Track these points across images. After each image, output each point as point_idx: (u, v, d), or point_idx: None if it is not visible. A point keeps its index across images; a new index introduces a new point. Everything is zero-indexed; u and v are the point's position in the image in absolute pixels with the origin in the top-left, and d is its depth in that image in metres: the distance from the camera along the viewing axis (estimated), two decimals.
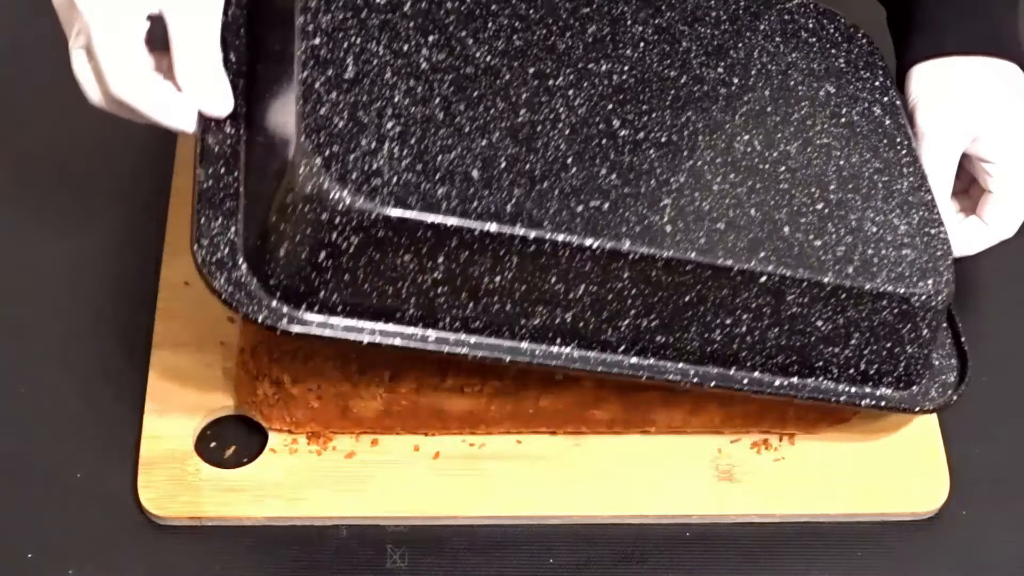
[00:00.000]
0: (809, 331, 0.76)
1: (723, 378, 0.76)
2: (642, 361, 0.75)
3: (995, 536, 0.81)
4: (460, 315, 0.72)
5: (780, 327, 0.76)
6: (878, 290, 0.76)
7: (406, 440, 0.81)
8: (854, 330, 0.77)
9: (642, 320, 0.74)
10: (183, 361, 0.83)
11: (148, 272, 0.87)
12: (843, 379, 0.78)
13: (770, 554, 0.79)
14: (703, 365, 0.76)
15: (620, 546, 0.79)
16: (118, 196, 0.91)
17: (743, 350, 0.76)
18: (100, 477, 0.80)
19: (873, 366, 0.78)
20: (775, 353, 0.77)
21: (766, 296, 0.74)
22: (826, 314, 0.76)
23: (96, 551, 0.78)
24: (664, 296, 0.74)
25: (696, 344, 0.75)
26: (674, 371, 0.76)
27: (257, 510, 0.78)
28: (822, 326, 0.76)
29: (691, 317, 0.75)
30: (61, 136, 0.94)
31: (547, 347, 0.74)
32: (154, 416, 0.81)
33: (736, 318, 0.75)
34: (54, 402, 0.82)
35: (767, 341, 0.76)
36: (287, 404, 0.79)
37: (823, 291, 0.75)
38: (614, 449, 0.81)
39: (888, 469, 0.81)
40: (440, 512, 0.79)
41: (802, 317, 0.76)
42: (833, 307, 0.76)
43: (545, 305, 0.73)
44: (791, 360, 0.77)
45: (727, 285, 0.74)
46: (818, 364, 0.77)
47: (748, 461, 0.81)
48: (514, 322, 0.73)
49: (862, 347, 0.77)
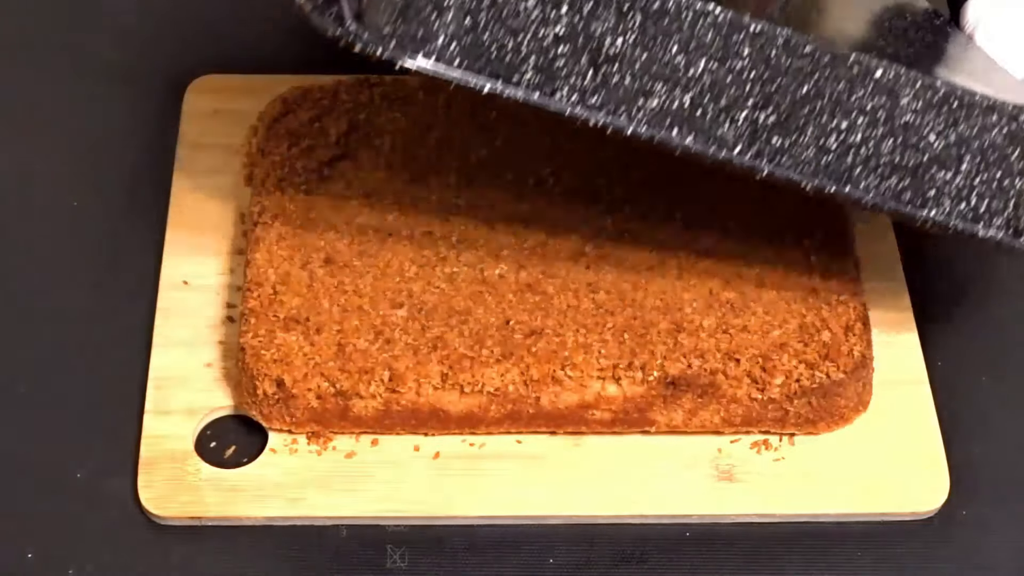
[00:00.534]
0: (922, 147, 0.75)
1: (840, 192, 0.76)
2: (759, 163, 0.75)
3: (995, 536, 0.81)
4: (579, 85, 0.71)
5: (894, 139, 0.75)
6: (988, 102, 0.75)
7: (406, 440, 0.81)
8: (965, 151, 0.76)
9: (760, 114, 0.73)
10: (183, 361, 0.83)
11: (148, 272, 0.87)
12: (954, 214, 0.77)
13: (770, 554, 0.79)
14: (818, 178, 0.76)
15: (620, 546, 0.79)
16: (118, 196, 0.91)
17: (858, 165, 0.75)
18: (100, 477, 0.80)
19: (984, 201, 0.77)
20: (889, 173, 0.76)
21: (881, 96, 0.74)
22: (938, 126, 0.75)
23: (96, 551, 0.78)
24: (782, 84, 0.73)
25: (812, 152, 0.75)
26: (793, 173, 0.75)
27: (257, 510, 0.78)
28: (935, 142, 0.75)
29: (808, 115, 0.74)
30: (61, 136, 0.94)
31: (666, 132, 0.73)
32: (154, 416, 0.81)
33: (852, 122, 0.74)
34: (54, 402, 0.82)
35: (881, 156, 0.75)
36: (287, 404, 0.79)
37: (935, 96, 0.74)
38: (614, 449, 0.81)
39: (888, 469, 0.81)
40: (440, 512, 0.79)
41: (915, 129, 0.75)
42: (945, 118, 0.75)
43: (665, 83, 0.72)
44: (904, 185, 0.76)
45: (844, 77, 0.73)
46: (930, 192, 0.77)
47: (748, 461, 0.81)
48: (632, 102, 0.72)
49: (973, 175, 0.76)
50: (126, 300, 0.86)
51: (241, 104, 0.94)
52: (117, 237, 0.89)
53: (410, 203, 0.86)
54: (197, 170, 0.91)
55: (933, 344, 0.86)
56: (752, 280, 0.83)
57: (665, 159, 0.86)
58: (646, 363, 0.79)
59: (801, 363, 0.80)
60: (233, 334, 0.84)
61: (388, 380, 0.78)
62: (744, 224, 0.86)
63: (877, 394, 0.83)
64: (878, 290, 0.87)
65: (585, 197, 0.86)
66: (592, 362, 0.79)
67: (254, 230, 0.84)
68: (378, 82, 0.92)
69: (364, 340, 0.80)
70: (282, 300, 0.81)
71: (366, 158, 0.88)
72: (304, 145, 0.88)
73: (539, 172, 0.87)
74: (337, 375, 0.78)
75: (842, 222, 0.86)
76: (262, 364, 0.79)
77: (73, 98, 0.96)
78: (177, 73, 0.96)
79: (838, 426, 0.82)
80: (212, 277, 0.86)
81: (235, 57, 0.98)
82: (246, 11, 1.03)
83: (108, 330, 0.85)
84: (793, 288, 0.83)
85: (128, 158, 0.93)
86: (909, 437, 0.82)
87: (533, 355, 0.79)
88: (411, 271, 0.83)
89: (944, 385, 0.85)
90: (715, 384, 0.79)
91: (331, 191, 0.86)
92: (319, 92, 0.91)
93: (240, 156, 0.92)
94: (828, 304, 0.82)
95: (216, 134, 0.93)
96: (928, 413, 0.83)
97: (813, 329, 0.81)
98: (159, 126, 0.94)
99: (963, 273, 0.91)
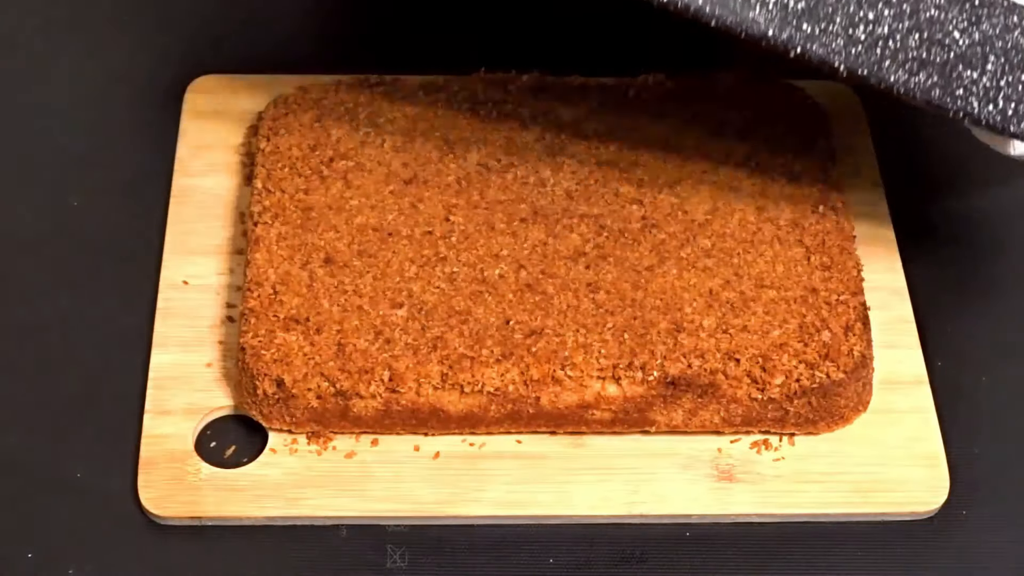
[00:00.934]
0: (948, 43, 0.76)
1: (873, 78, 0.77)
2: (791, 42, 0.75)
3: (995, 536, 0.81)
4: None
5: (920, 33, 0.75)
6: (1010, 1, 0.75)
7: (406, 440, 0.81)
8: (989, 51, 0.76)
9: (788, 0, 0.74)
10: (183, 361, 0.83)
11: (148, 272, 0.87)
12: (983, 115, 0.77)
13: (770, 554, 0.79)
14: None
15: (620, 546, 0.79)
16: (118, 196, 0.91)
17: (887, 58, 0.76)
18: (100, 477, 0.80)
19: (1011, 104, 0.77)
20: (917, 69, 0.76)
21: None
22: (962, 23, 0.75)
23: (96, 551, 0.78)
24: None
25: (841, 42, 0.75)
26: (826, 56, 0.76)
27: (257, 510, 0.78)
28: (959, 39, 0.76)
29: (835, 3, 0.74)
30: (61, 135, 0.94)
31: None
32: (154, 416, 0.81)
33: (878, 13, 0.74)
34: (54, 402, 0.82)
35: (909, 50, 0.75)
36: (287, 404, 0.79)
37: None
38: (614, 449, 0.81)
39: (888, 469, 0.81)
40: (440, 512, 0.79)
41: (940, 24, 0.75)
42: (968, 15, 0.75)
43: None
44: (933, 82, 0.76)
45: None
46: (958, 91, 0.77)
47: (748, 461, 0.81)
48: None
49: (998, 76, 0.76)
50: (126, 300, 0.86)
51: (241, 104, 0.94)
52: (117, 237, 0.89)
53: (410, 203, 0.86)
54: (197, 170, 0.91)
55: (933, 344, 0.86)
56: (752, 280, 0.83)
57: (666, 158, 0.86)
58: (646, 363, 0.79)
59: (801, 363, 0.80)
60: (233, 334, 0.84)
61: (388, 380, 0.78)
62: (744, 224, 0.86)
63: (877, 394, 0.83)
64: (878, 290, 0.87)
65: (585, 197, 0.86)
66: (592, 362, 0.79)
67: (254, 230, 0.84)
68: (378, 82, 0.92)
69: (364, 340, 0.80)
70: (282, 300, 0.81)
71: (366, 158, 0.88)
72: (304, 145, 0.88)
73: (539, 172, 0.87)
74: (337, 375, 0.78)
75: (842, 222, 0.86)
76: (262, 364, 0.79)
77: (73, 98, 0.96)
78: (177, 73, 0.96)
79: (838, 426, 0.82)
80: (212, 277, 0.86)
81: (235, 57, 0.98)
82: (246, 11, 1.03)
83: (108, 330, 0.85)
84: (793, 288, 0.83)
85: (128, 158, 0.93)
86: (909, 437, 0.82)
87: (533, 355, 0.79)
88: (411, 271, 0.83)
89: (944, 385, 0.85)
90: (715, 384, 0.79)
91: (331, 191, 0.86)
92: (319, 92, 0.91)
93: (240, 156, 0.92)
94: (828, 304, 0.82)
95: (216, 134, 0.93)
96: (928, 413, 0.83)
97: (813, 329, 0.81)
98: (159, 126, 0.93)
99: (963, 273, 0.91)
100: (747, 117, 0.90)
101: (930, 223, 0.92)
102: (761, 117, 0.91)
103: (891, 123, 0.96)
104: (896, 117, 0.96)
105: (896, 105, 0.99)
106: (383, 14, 1.04)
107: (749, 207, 0.86)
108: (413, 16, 1.03)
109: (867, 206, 0.91)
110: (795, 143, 0.89)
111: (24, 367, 0.83)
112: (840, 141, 0.92)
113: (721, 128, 0.90)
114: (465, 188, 0.86)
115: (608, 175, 0.87)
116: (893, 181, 0.93)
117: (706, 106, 0.91)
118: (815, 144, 0.90)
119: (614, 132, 0.89)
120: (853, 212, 0.88)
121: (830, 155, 0.89)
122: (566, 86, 0.92)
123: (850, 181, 0.91)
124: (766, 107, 0.91)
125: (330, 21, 1.04)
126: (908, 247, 0.90)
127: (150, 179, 0.91)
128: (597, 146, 0.88)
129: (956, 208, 0.94)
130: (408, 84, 0.92)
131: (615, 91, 0.92)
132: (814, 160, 0.89)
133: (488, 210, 0.85)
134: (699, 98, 0.91)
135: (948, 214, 0.93)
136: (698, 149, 0.89)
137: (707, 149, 0.89)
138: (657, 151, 0.88)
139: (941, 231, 0.92)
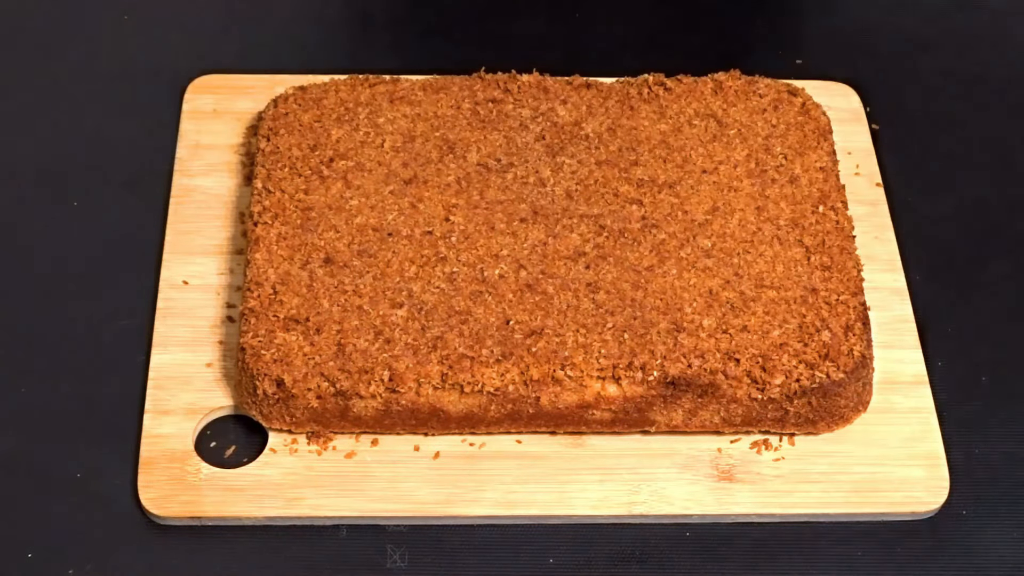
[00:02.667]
0: None
1: None
2: None
3: (995, 536, 0.81)
4: None
5: None
6: None
7: (406, 440, 0.81)
8: None
9: None
10: (183, 361, 0.83)
11: (148, 272, 0.87)
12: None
13: (770, 554, 0.79)
14: None
15: (620, 546, 0.79)
16: (118, 196, 0.91)
17: None
18: (100, 477, 0.80)
19: None
20: None
21: None
22: None
23: (96, 551, 0.78)
24: None
25: None
26: None
27: (257, 510, 0.78)
28: None
29: None
30: (61, 135, 0.94)
31: None
32: (154, 416, 0.81)
33: None
34: (54, 402, 0.82)
35: None
36: (287, 404, 0.79)
37: None
38: (614, 449, 0.81)
39: (888, 469, 0.81)
40: (440, 512, 0.79)
41: None
42: None
43: None
44: None
45: None
46: None
47: (748, 461, 0.81)
48: None
49: None
50: (126, 300, 0.86)
51: (241, 104, 0.94)
52: (117, 237, 0.89)
53: (410, 203, 0.86)
54: (197, 170, 0.91)
55: (933, 344, 0.86)
56: (752, 280, 0.83)
57: (666, 158, 0.86)
58: (646, 363, 0.79)
59: (801, 363, 0.80)
60: (233, 334, 0.84)
61: (388, 380, 0.78)
62: (744, 224, 0.86)
63: (877, 394, 0.83)
64: (878, 290, 0.87)
65: (585, 197, 0.86)
66: (592, 362, 0.79)
67: (254, 230, 0.84)
68: (378, 82, 0.92)
69: (364, 340, 0.80)
70: (282, 300, 0.81)
71: (366, 158, 0.88)
72: (304, 145, 0.88)
73: (539, 172, 0.87)
74: (337, 375, 0.78)
75: (842, 222, 0.86)
76: (262, 364, 0.79)
77: (73, 98, 0.96)
78: (177, 73, 0.96)
79: (838, 426, 0.82)
80: (212, 277, 0.86)
81: (235, 57, 0.98)
82: (246, 11, 1.03)
83: (108, 330, 0.85)
84: (793, 288, 0.83)
85: (128, 158, 0.93)
86: (909, 437, 0.83)
87: (533, 355, 0.79)
88: (411, 271, 0.83)
89: (944, 385, 0.85)
90: (715, 384, 0.79)
91: (331, 191, 0.86)
92: (319, 92, 0.91)
93: (240, 156, 0.92)
94: (828, 304, 0.82)
95: (216, 134, 0.93)
96: (928, 413, 0.83)
97: (813, 329, 0.81)
98: (159, 126, 0.94)
99: (963, 273, 0.91)
100: (747, 117, 0.90)
101: (930, 223, 0.92)
102: (761, 117, 0.91)
103: (891, 123, 0.96)
104: (896, 117, 0.97)
105: (896, 105, 0.99)
106: (383, 14, 1.04)
107: (749, 207, 0.86)
108: (413, 16, 1.03)
109: (867, 206, 0.91)
110: (795, 143, 0.89)
111: (24, 367, 0.83)
112: (840, 141, 0.92)
113: (721, 128, 0.90)
114: (465, 188, 0.86)
115: (608, 175, 0.87)
116: (893, 181, 0.93)
117: (706, 106, 0.91)
118: (815, 144, 0.90)
119: (614, 132, 0.89)
120: (853, 212, 0.88)
121: (830, 155, 0.89)
122: (566, 86, 0.92)
123: (850, 181, 0.91)
124: (766, 107, 0.91)
125: (330, 21, 1.04)
126: (908, 247, 0.90)
127: (150, 179, 0.91)
128: (597, 146, 0.88)
129: (956, 208, 0.94)
130: (408, 84, 0.92)
131: (615, 91, 0.92)
132: (814, 160, 0.89)
133: (488, 210, 0.85)
134: (699, 98, 0.91)
135: (948, 214, 0.93)
136: (698, 149, 0.89)
137: (707, 149, 0.89)
138: (657, 151, 0.88)
139: (941, 231, 0.92)
